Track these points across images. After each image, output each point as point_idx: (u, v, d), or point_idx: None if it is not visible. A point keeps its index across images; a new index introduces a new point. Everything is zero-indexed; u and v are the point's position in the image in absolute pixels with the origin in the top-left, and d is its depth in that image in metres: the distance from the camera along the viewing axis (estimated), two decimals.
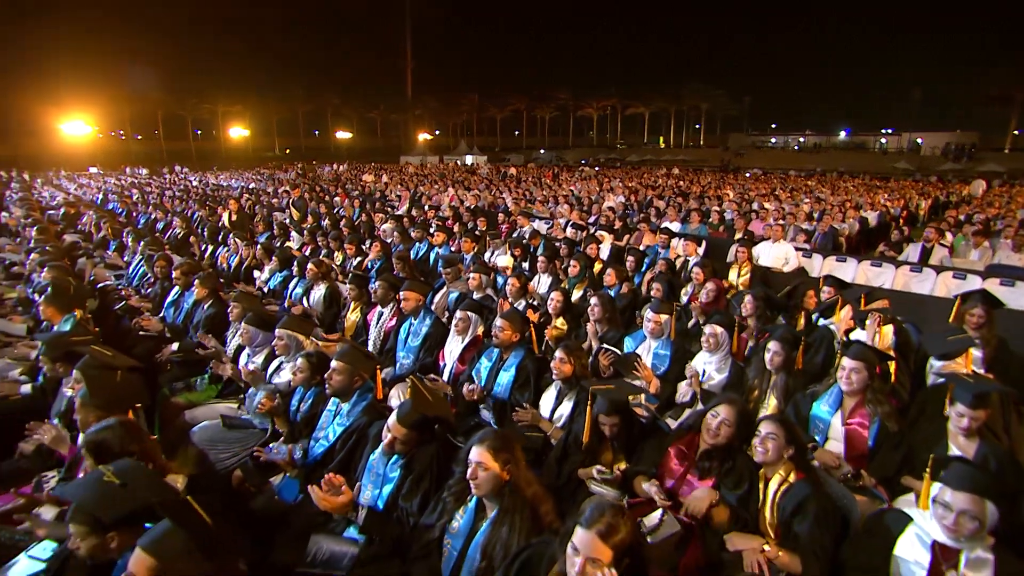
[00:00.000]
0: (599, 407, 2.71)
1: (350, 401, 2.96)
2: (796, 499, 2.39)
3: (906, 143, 59.82)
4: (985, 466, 2.50)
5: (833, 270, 8.14)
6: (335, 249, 7.55)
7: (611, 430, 2.73)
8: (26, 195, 18.06)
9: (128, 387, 2.88)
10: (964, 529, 1.94)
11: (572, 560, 1.67)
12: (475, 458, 2.06)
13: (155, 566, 1.55)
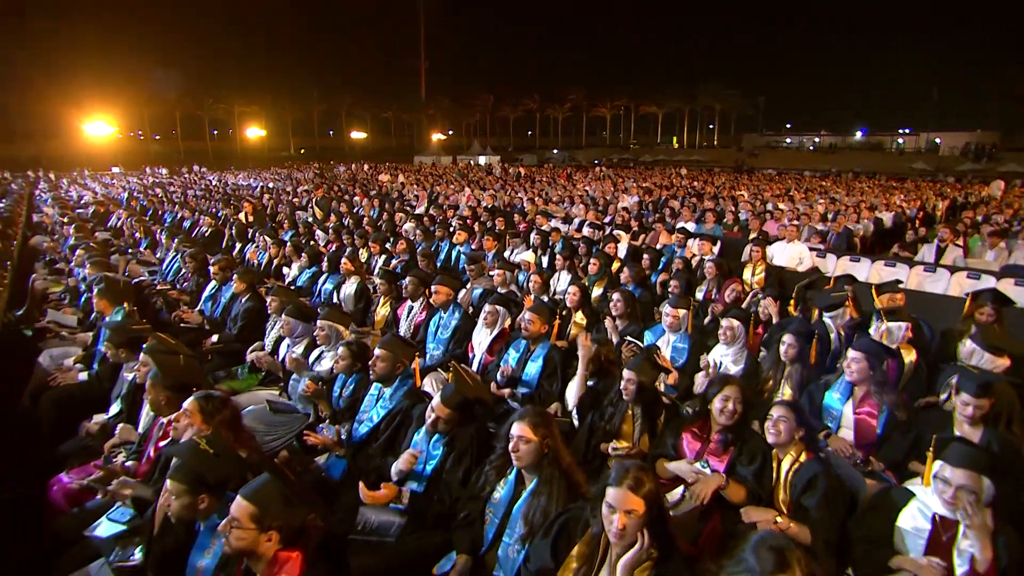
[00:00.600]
0: (632, 363, 2.95)
1: (392, 386, 3.21)
2: (806, 476, 2.58)
3: (924, 143, 59.11)
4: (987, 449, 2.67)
5: (847, 270, 8.26)
6: (360, 247, 7.81)
7: (628, 389, 2.96)
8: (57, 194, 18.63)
9: (191, 370, 3.15)
10: (962, 502, 2.13)
11: (609, 518, 1.89)
12: (517, 432, 2.29)
13: (255, 512, 1.80)
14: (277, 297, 4.72)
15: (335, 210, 12.18)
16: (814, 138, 69.50)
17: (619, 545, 1.90)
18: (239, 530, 1.77)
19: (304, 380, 3.66)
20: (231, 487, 2.08)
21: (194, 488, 2.04)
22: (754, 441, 2.83)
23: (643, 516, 1.86)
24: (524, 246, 8.17)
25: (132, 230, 10.96)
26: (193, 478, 2.05)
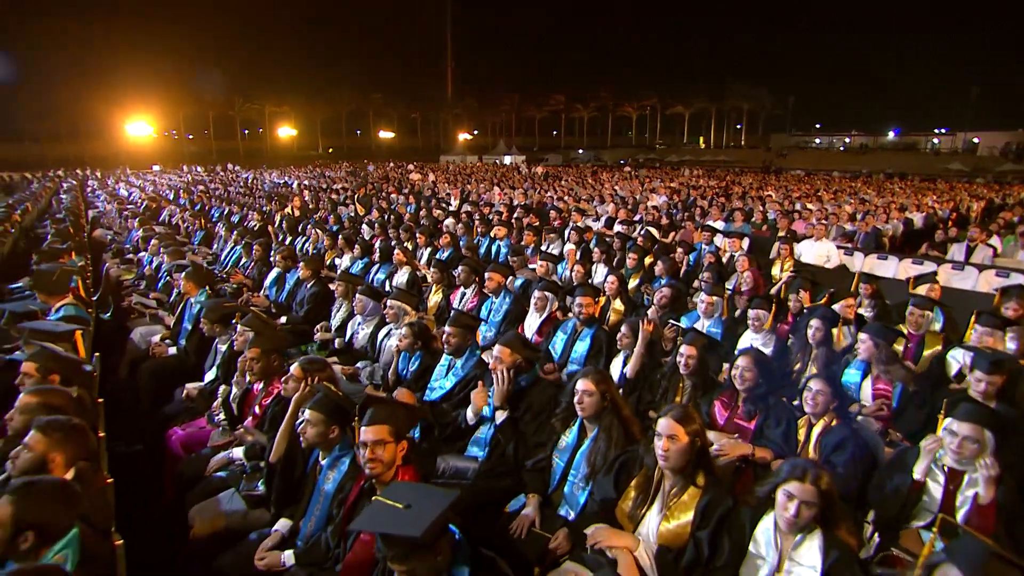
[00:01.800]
0: (688, 339, 3.35)
1: (463, 357, 3.66)
2: (837, 438, 2.94)
3: (961, 143, 57.74)
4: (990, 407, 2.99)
5: (874, 268, 8.50)
6: (405, 240, 8.30)
7: (688, 364, 3.35)
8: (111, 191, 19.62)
9: (284, 338, 3.63)
10: (966, 451, 2.47)
11: (656, 444, 2.29)
12: (581, 387, 2.70)
13: (390, 430, 2.26)
14: (343, 282, 5.22)
15: (376, 206, 12.73)
16: (844, 138, 68.37)
17: (666, 470, 2.31)
18: (380, 447, 2.23)
19: (379, 367, 4.16)
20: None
21: (329, 419, 2.52)
22: (780, 408, 3.20)
23: (685, 446, 2.25)
24: (559, 241, 8.58)
25: (186, 224, 11.64)
26: (330, 410, 2.52)
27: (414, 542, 1.60)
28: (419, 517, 1.62)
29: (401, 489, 1.81)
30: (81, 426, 2.46)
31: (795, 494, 1.99)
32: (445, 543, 1.73)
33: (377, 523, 1.69)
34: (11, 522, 1.82)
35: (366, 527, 1.82)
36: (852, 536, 2.12)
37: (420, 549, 1.64)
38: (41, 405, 2.77)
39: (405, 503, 1.68)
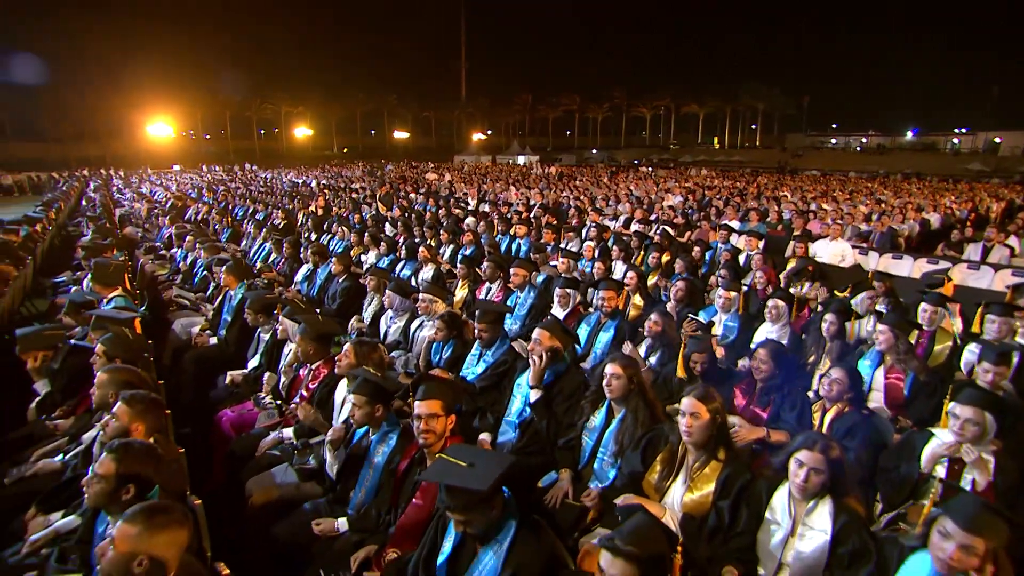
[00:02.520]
0: (692, 347, 3.53)
1: (494, 346, 3.90)
2: (848, 423, 3.13)
3: (982, 143, 56.83)
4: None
5: (888, 267, 8.59)
6: (429, 238, 8.56)
7: (701, 367, 3.55)
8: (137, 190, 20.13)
9: (331, 325, 3.89)
10: (967, 433, 2.65)
11: (680, 421, 2.50)
12: (610, 371, 2.92)
13: (442, 404, 2.50)
14: (375, 277, 5.48)
15: (398, 205, 13.03)
16: (861, 138, 67.65)
17: (689, 445, 2.52)
18: (433, 420, 2.47)
19: (412, 357, 4.41)
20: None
21: (372, 399, 2.76)
22: (795, 395, 3.40)
23: (707, 423, 2.46)
24: (577, 239, 8.79)
25: (214, 222, 12.01)
26: (371, 391, 2.77)
27: (479, 495, 1.83)
28: (484, 474, 1.86)
29: (463, 451, 2.05)
30: (159, 400, 2.73)
31: (805, 461, 2.19)
32: (499, 499, 1.96)
33: (448, 476, 1.92)
34: (115, 476, 2.09)
35: (437, 479, 2.03)
36: (860, 505, 2.32)
37: (482, 503, 1.87)
38: (117, 382, 3.05)
39: (469, 462, 1.91)
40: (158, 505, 1.86)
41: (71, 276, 8.21)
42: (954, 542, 1.74)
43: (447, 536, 2.15)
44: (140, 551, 1.71)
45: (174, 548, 1.77)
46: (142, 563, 1.70)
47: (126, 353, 3.43)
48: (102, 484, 2.09)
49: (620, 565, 1.60)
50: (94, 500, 2.14)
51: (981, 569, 1.70)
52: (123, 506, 2.05)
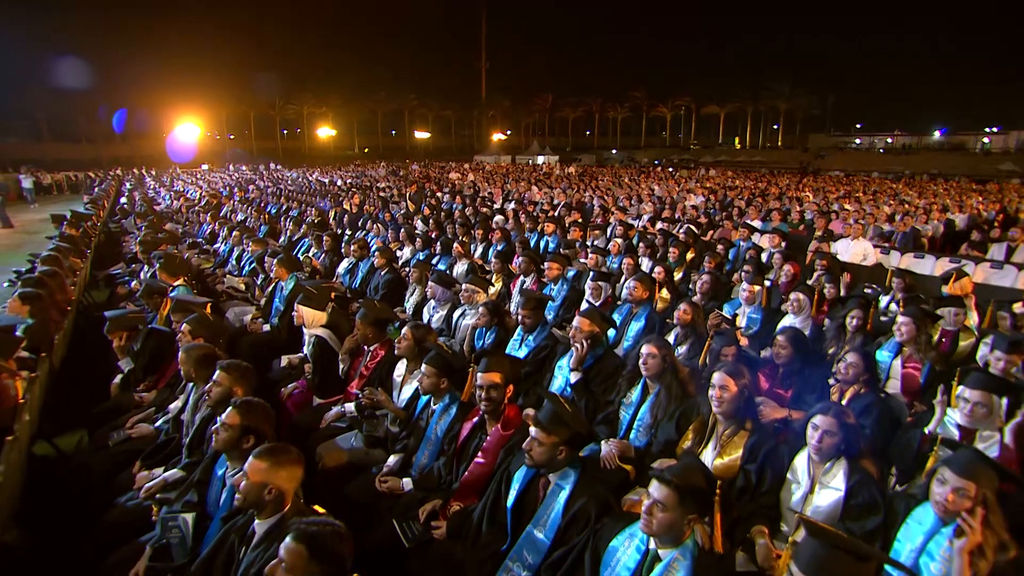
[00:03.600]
0: (720, 342, 3.84)
1: (535, 332, 4.24)
2: (864, 403, 3.41)
3: (1014, 142, 55.54)
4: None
5: (910, 266, 8.73)
6: (461, 235, 8.92)
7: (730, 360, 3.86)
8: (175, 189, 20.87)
9: (387, 311, 4.27)
10: (977, 415, 2.91)
11: (711, 394, 2.81)
12: (646, 351, 3.24)
13: (502, 376, 2.85)
14: (418, 269, 5.86)
15: (427, 203, 13.45)
16: (886, 139, 66.59)
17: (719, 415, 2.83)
18: (494, 390, 2.82)
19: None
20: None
21: (440, 372, 3.12)
22: (814, 378, 3.69)
23: (734, 395, 2.77)
24: (603, 237, 9.09)
25: (251, 219, 12.53)
26: (441, 364, 3.13)
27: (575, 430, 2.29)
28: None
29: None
30: (251, 368, 3.13)
31: (820, 425, 2.49)
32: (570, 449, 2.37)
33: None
34: (239, 426, 2.48)
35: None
36: (873, 466, 2.61)
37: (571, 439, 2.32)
38: (201, 357, 3.46)
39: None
40: (281, 446, 2.23)
41: (126, 268, 8.75)
42: (949, 486, 2.03)
43: (512, 485, 2.50)
44: (269, 482, 2.09)
45: (293, 482, 2.15)
46: (271, 491, 2.08)
47: (208, 332, 3.85)
48: (228, 433, 2.48)
49: (664, 491, 1.92)
50: (220, 445, 2.53)
51: (972, 511, 1.99)
52: (243, 453, 2.44)
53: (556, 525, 2.28)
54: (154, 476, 3.17)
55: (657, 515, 1.91)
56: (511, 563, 2.32)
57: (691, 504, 1.93)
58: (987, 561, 1.95)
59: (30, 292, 4.88)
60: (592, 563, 2.11)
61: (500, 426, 2.93)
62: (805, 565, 1.58)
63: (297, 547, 1.66)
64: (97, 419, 4.26)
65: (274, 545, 1.94)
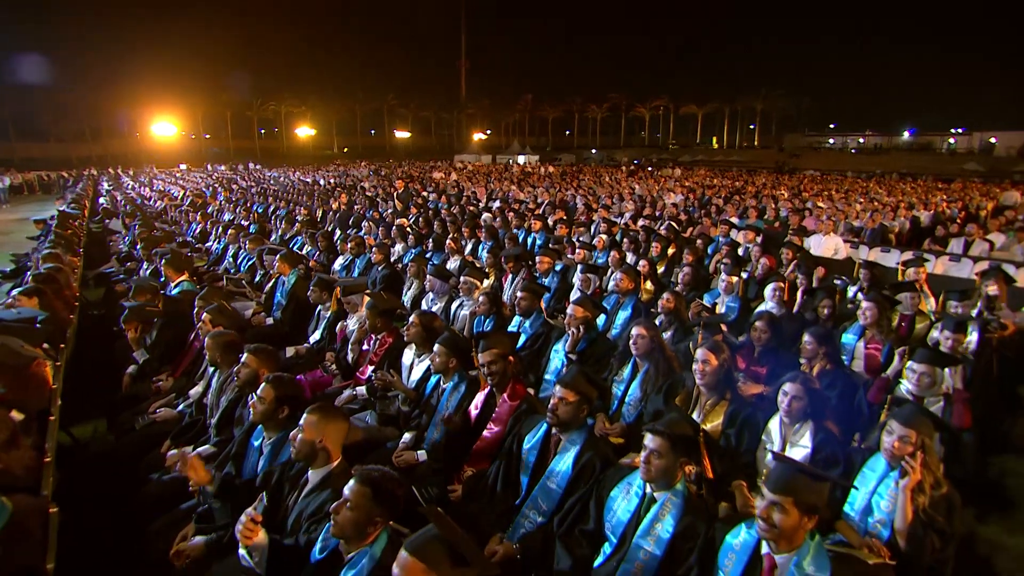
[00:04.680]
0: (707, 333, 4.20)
1: (531, 318, 4.56)
2: (830, 378, 3.80)
3: (977, 143, 57.56)
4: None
5: (877, 259, 9.28)
6: (452, 232, 9.20)
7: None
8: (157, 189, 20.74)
9: (394, 302, 4.55)
10: (923, 384, 3.32)
11: (694, 368, 3.16)
12: (636, 332, 3.58)
13: (499, 351, 3.16)
14: (416, 264, 6.14)
15: (414, 202, 13.69)
16: (859, 139, 68.36)
17: (702, 387, 3.18)
18: (495, 364, 3.13)
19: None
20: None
21: (450, 352, 3.43)
22: (787, 358, 4.07)
23: (715, 368, 3.12)
24: (587, 234, 9.45)
25: (239, 218, 12.63)
26: (451, 345, 3.43)
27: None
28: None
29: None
30: (273, 350, 3.39)
31: (789, 391, 2.86)
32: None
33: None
34: (274, 399, 2.76)
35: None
36: (835, 428, 2.99)
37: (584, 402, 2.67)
38: (223, 344, 3.71)
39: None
40: (328, 405, 2.52)
41: (119, 267, 8.85)
42: (895, 435, 2.40)
43: (525, 446, 2.83)
44: (319, 436, 2.38)
45: (339, 435, 2.45)
46: (321, 442, 2.37)
47: (227, 320, 4.10)
48: (264, 405, 2.76)
49: (657, 440, 2.25)
50: (259, 417, 2.80)
51: (914, 455, 2.36)
52: (278, 423, 2.72)
53: (567, 477, 2.61)
54: (185, 453, 3.41)
55: (654, 462, 2.25)
56: (527, 511, 2.64)
57: (681, 449, 2.26)
58: (925, 496, 2.33)
59: (39, 287, 5.04)
60: (597, 508, 2.44)
61: (507, 397, 3.25)
62: (773, 484, 1.92)
63: (362, 489, 1.95)
64: (114, 408, 4.47)
65: (327, 491, 2.24)
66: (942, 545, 2.30)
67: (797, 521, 1.90)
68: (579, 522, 2.48)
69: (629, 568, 2.22)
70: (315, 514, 2.25)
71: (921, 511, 2.31)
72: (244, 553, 2.11)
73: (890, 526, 2.40)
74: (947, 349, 4.12)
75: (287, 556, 2.12)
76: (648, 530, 2.23)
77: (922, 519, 2.31)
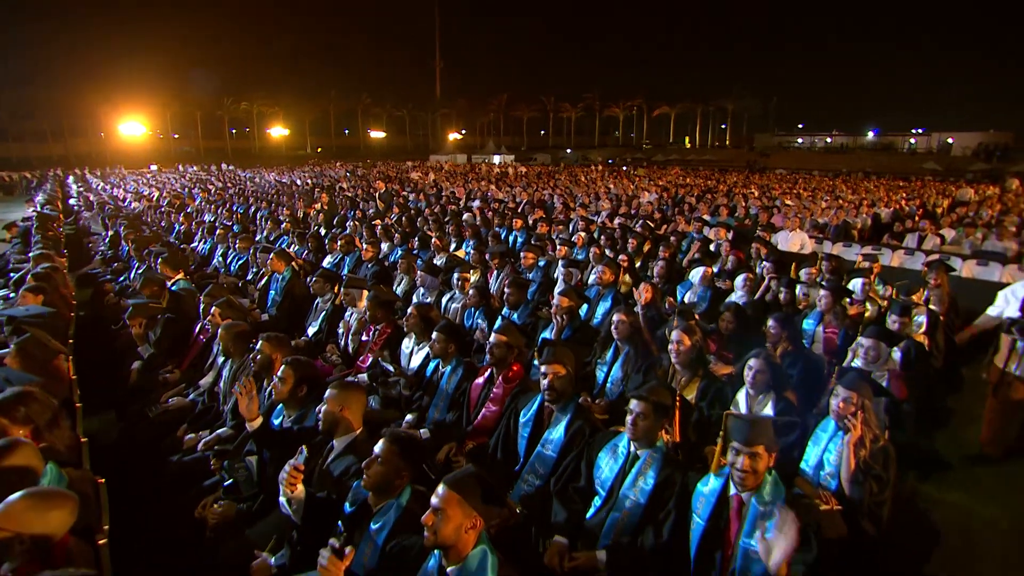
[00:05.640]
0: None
1: (519, 309, 4.89)
2: (791, 358, 4.22)
3: (936, 143, 59.84)
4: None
5: (840, 253, 9.86)
6: (436, 231, 9.47)
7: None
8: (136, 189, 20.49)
9: (392, 294, 4.83)
10: (869, 357, 3.75)
11: (670, 348, 3.54)
12: (617, 318, 3.95)
13: (508, 340, 3.48)
14: (405, 260, 6.42)
15: (396, 202, 13.90)
16: (826, 138, 70.36)
17: (677, 365, 3.56)
18: (500, 348, 3.45)
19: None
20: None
21: (448, 338, 3.74)
22: (752, 342, 4.47)
23: (689, 348, 3.50)
24: (566, 232, 9.83)
25: (219, 218, 12.68)
26: (450, 332, 3.74)
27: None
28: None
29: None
30: (285, 337, 3.66)
31: (753, 366, 3.25)
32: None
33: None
34: (294, 378, 3.04)
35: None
36: (794, 398, 3.39)
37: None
38: (235, 333, 3.97)
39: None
40: (349, 380, 2.81)
41: (105, 268, 8.91)
42: (840, 397, 2.81)
43: (521, 419, 3.16)
44: (340, 406, 2.68)
45: (361, 405, 2.75)
46: (343, 412, 2.67)
47: (235, 313, 4.34)
48: (286, 385, 3.04)
49: (642, 404, 2.61)
50: (280, 396, 3.07)
51: (855, 415, 2.76)
52: (299, 400, 3.00)
53: (560, 443, 2.95)
54: (202, 437, 3.66)
55: (640, 424, 2.61)
56: (526, 475, 2.98)
57: (662, 412, 2.63)
58: (865, 449, 2.73)
59: (41, 285, 5.19)
60: (587, 468, 2.79)
61: (502, 379, 3.57)
62: (736, 434, 2.29)
63: (391, 446, 2.26)
64: (123, 400, 4.67)
65: (351, 456, 2.54)
66: (879, 489, 2.70)
67: (767, 461, 2.29)
68: (572, 481, 2.83)
69: (617, 516, 2.57)
70: (342, 475, 2.55)
71: (861, 461, 2.72)
72: (284, 501, 2.40)
73: (838, 477, 2.80)
74: (895, 330, 4.59)
75: (321, 508, 2.41)
76: (633, 483, 2.58)
77: (863, 468, 2.71)
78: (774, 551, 2.08)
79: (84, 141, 55.83)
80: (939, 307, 5.68)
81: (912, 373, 4.08)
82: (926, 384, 4.30)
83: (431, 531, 1.92)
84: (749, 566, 2.22)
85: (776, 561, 2.07)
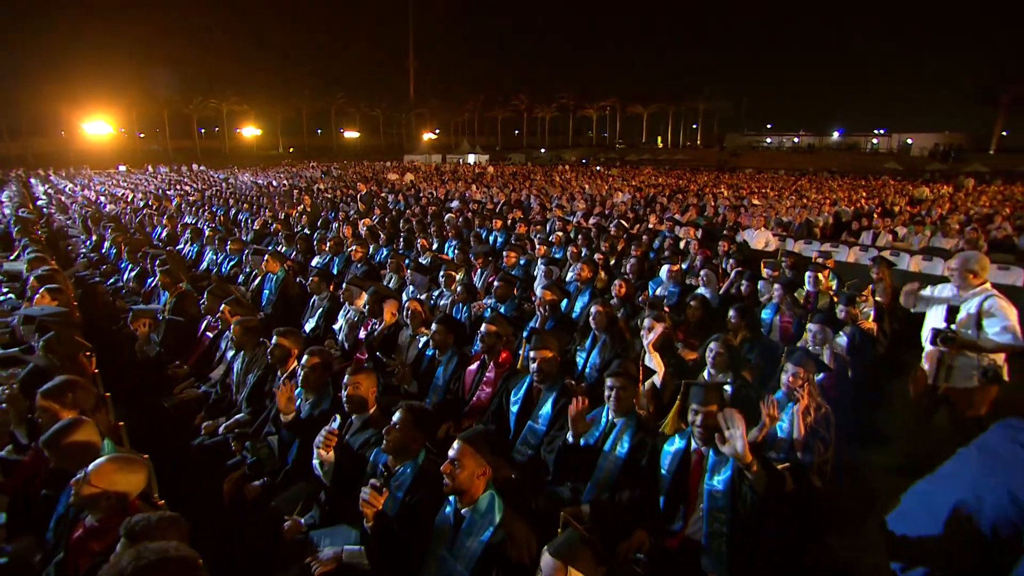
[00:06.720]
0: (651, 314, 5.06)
1: (506, 303, 5.31)
2: (749, 344, 4.72)
3: (896, 143, 62.17)
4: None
5: (801, 251, 10.54)
6: (419, 232, 9.83)
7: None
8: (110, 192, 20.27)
9: (391, 292, 5.21)
10: (816, 340, 4.28)
11: (643, 335, 4.00)
12: (594, 310, 4.40)
13: (499, 329, 3.89)
14: (395, 259, 6.78)
15: (377, 203, 14.18)
16: (793, 138, 72.42)
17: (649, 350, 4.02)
18: (490, 337, 3.86)
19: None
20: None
21: (447, 329, 4.13)
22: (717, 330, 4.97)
23: (659, 336, 3.96)
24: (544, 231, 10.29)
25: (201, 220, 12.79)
26: (449, 323, 4.14)
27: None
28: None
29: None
30: (298, 331, 4.02)
31: (713, 348, 3.72)
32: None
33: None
34: (320, 364, 3.43)
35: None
36: (750, 375, 3.89)
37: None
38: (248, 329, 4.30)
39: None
40: (367, 366, 3.19)
41: (93, 271, 9.02)
42: (789, 372, 3.31)
43: (512, 397, 3.58)
44: (360, 385, 3.06)
45: (374, 387, 3.13)
46: (359, 388, 3.06)
47: (243, 311, 4.66)
48: (314, 372, 3.41)
49: (620, 380, 3.06)
50: (307, 383, 3.43)
51: (802, 387, 3.26)
52: (317, 387, 3.37)
53: (548, 417, 3.38)
54: (219, 424, 3.99)
55: (621, 396, 3.06)
56: (520, 446, 3.41)
57: (633, 381, 3.09)
58: (811, 416, 3.23)
59: (59, 287, 5.42)
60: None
61: (494, 364, 3.98)
62: (693, 398, 2.76)
63: (406, 415, 2.65)
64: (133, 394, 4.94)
65: (369, 430, 2.92)
66: (824, 449, 3.21)
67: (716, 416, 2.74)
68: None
69: (599, 475, 3.01)
70: (361, 447, 2.94)
71: (808, 426, 3.21)
72: (317, 464, 2.78)
73: (791, 441, 3.30)
74: (842, 318, 5.15)
75: (347, 471, 2.80)
76: (612, 446, 3.02)
77: (810, 431, 3.21)
78: (735, 441, 2.43)
79: (45, 140, 54.25)
80: (883, 298, 6.28)
81: (857, 356, 4.64)
82: (872, 366, 4.88)
83: (449, 478, 2.32)
84: (714, 504, 2.66)
85: (740, 447, 2.42)
